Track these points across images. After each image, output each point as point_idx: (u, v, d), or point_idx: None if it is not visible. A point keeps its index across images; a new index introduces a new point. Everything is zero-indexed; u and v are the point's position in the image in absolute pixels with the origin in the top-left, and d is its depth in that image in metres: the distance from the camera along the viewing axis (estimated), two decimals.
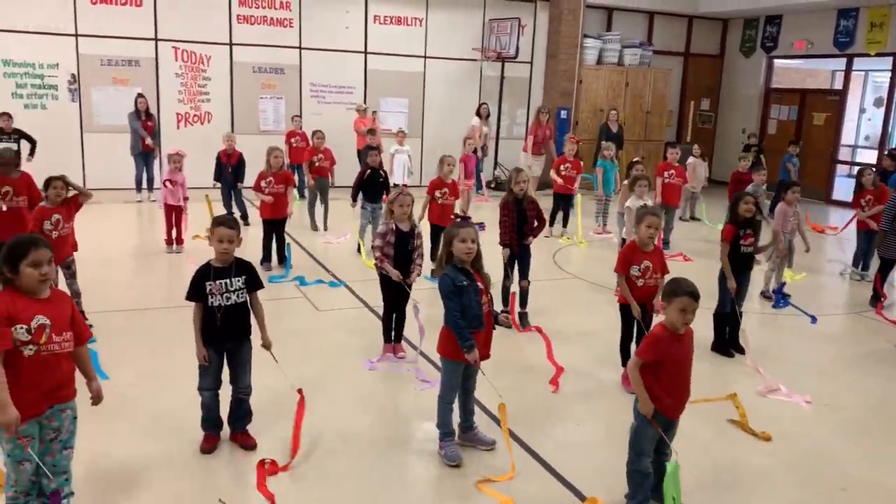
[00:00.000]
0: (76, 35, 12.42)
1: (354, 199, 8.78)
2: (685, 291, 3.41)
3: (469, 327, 3.89)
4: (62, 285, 5.56)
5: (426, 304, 5.67)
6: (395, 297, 5.48)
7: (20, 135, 11.02)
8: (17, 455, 3.06)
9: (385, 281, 5.44)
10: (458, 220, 4.05)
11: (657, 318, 4.05)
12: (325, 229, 10.24)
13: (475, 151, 12.01)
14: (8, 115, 11.02)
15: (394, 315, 5.59)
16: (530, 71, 15.67)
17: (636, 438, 3.53)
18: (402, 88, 14.73)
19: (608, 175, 10.52)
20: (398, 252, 5.32)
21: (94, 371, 3.32)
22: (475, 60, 15.04)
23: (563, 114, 15.06)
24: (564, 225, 10.67)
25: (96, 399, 3.28)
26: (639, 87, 15.81)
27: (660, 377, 3.42)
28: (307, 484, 3.82)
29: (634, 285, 5.09)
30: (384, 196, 8.54)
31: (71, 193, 5.74)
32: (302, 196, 11.86)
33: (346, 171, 11.15)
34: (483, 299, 3.97)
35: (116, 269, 7.88)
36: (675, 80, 16.96)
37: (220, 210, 9.02)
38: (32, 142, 11.08)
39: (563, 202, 10.60)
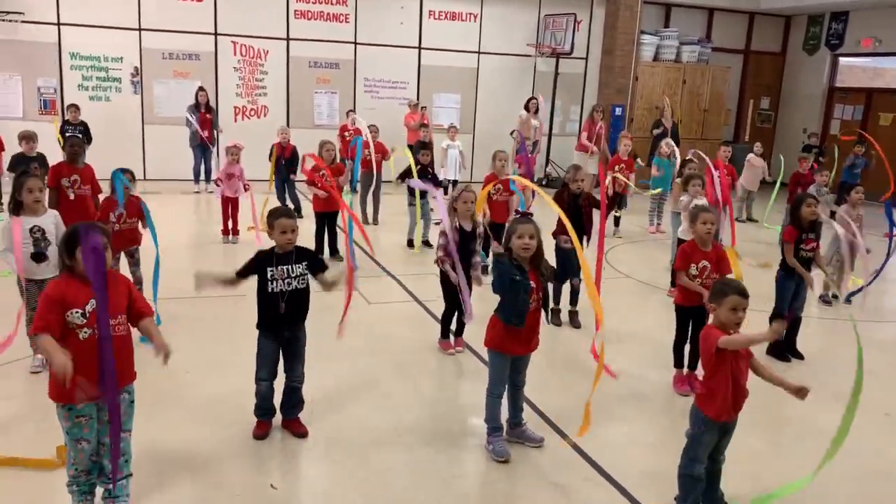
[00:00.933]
0: (139, 29, 12.77)
1: (402, 180, 8.79)
2: (734, 290, 3.36)
3: (509, 322, 3.89)
4: (126, 273, 5.72)
5: (475, 298, 5.66)
6: (456, 295, 5.48)
7: (85, 128, 11.37)
8: (75, 434, 3.17)
9: (445, 278, 5.45)
10: (519, 216, 4.02)
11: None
12: (376, 223, 10.33)
13: (519, 151, 11.91)
14: (76, 107, 11.39)
15: (454, 313, 5.58)
16: (585, 67, 15.50)
17: (692, 444, 3.47)
18: (454, 84, 14.74)
19: (664, 173, 10.34)
20: (461, 251, 5.31)
21: (159, 333, 3.25)
22: (529, 56, 14.95)
23: (618, 111, 14.87)
24: (616, 224, 10.54)
25: (159, 350, 3.17)
26: (696, 85, 15.51)
27: (716, 378, 3.36)
28: (356, 475, 3.85)
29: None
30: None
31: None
32: (354, 190, 11.96)
33: (400, 166, 11.20)
34: (532, 297, 3.94)
35: (175, 258, 8.05)
36: (734, 77, 16.58)
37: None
38: (89, 140, 11.36)
39: (616, 202, 10.45)
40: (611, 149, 12.51)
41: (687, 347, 5.14)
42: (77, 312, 3.06)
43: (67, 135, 10.46)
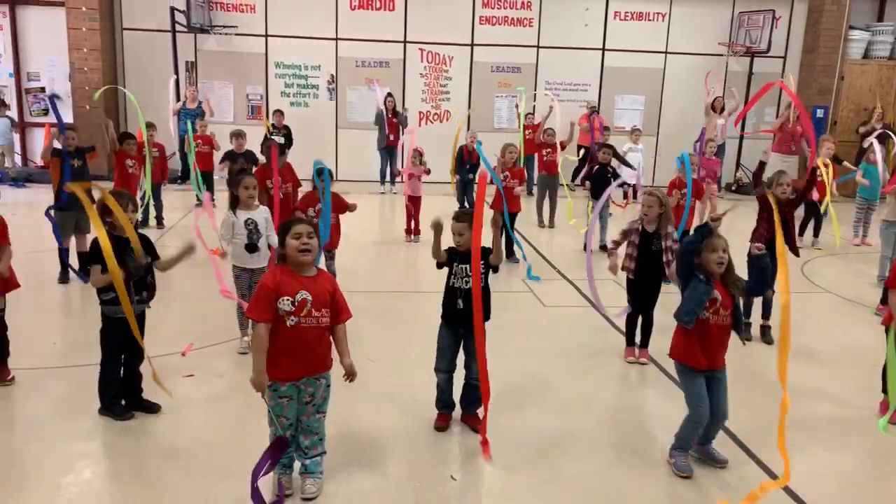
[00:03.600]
0: (336, 39, 13.63)
1: (580, 183, 8.71)
2: None
3: (680, 318, 3.74)
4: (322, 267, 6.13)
5: (659, 307, 5.47)
6: (641, 300, 5.34)
7: (287, 132, 12.30)
8: (277, 411, 3.46)
9: (630, 281, 5.34)
10: (710, 223, 3.82)
11: None
12: (552, 226, 10.29)
13: (717, 153, 11.34)
14: (281, 112, 12.39)
15: (639, 318, 5.45)
16: (783, 66, 14.49)
17: None
18: (638, 85, 14.35)
19: (873, 180, 9.42)
20: (641, 253, 5.18)
21: (347, 348, 3.57)
22: (720, 56, 14.23)
23: (820, 113, 13.74)
24: (815, 234, 9.75)
25: (349, 375, 3.54)
26: None
27: None
28: (534, 475, 3.86)
29: None
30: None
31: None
32: (529, 192, 12.01)
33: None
34: (722, 313, 3.73)
35: (361, 255, 8.52)
36: None
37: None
38: (290, 144, 12.20)
39: (815, 209, 9.68)
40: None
41: None
42: (287, 300, 3.34)
43: (266, 137, 11.36)
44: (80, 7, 12.49)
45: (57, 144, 7.10)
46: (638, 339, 5.51)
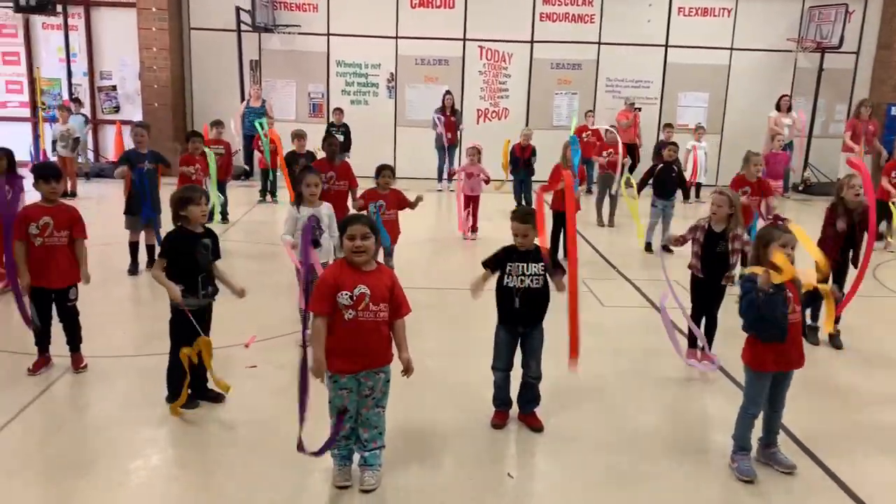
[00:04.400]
0: (396, 37, 13.73)
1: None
2: None
3: (769, 339, 3.62)
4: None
5: (722, 310, 5.35)
6: (704, 300, 5.23)
7: (346, 130, 12.46)
8: (337, 402, 3.54)
9: (694, 280, 5.24)
10: (779, 221, 3.71)
11: None
12: (612, 225, 10.17)
13: (785, 148, 11.04)
14: (340, 111, 12.57)
15: (703, 319, 5.34)
16: (855, 62, 13.99)
17: None
18: (702, 82, 14.05)
19: None
20: (706, 253, 5.08)
21: (406, 344, 3.61)
22: (789, 51, 13.81)
23: (894, 110, 13.22)
24: (882, 238, 9.37)
25: (406, 370, 3.59)
26: None
27: None
28: (591, 475, 3.83)
29: None
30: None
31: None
32: (589, 191, 11.89)
33: (642, 166, 10.95)
34: (791, 308, 3.64)
35: (419, 251, 8.57)
36: None
37: None
38: (348, 142, 12.32)
39: (887, 211, 9.30)
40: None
41: None
42: (346, 295, 3.39)
43: (326, 134, 11.54)
44: (151, 8, 12.89)
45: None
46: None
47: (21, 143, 12.20)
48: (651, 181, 8.72)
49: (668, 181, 8.52)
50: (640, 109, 13.53)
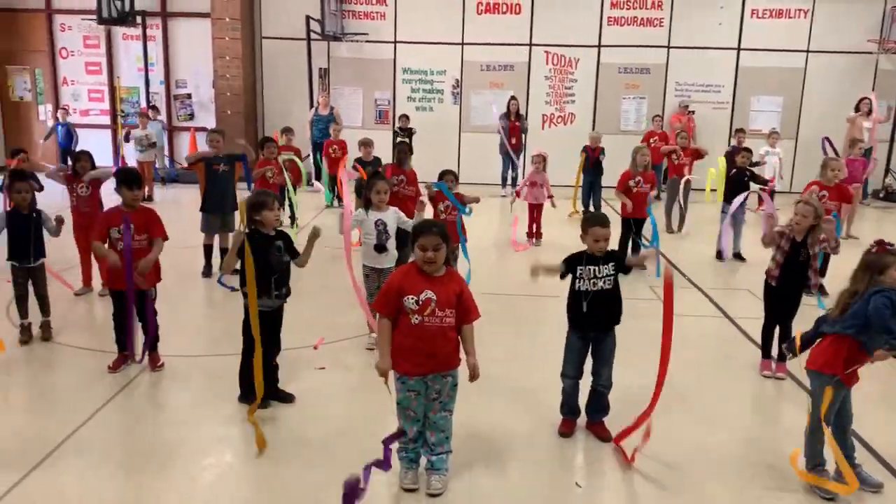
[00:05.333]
0: (462, 44, 13.78)
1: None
2: None
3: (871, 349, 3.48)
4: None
5: (797, 319, 5.16)
6: (780, 310, 5.06)
7: (411, 134, 12.56)
8: (404, 403, 3.56)
9: (768, 289, 5.09)
10: (887, 246, 3.58)
11: None
12: (681, 231, 9.95)
13: (865, 153, 10.61)
14: (406, 117, 12.68)
15: (776, 328, 5.17)
16: None
17: None
18: (777, 86, 13.64)
19: None
20: (787, 262, 4.92)
21: (474, 349, 3.61)
22: (870, 53, 13.27)
23: None
24: None
25: (473, 375, 3.57)
26: None
27: None
28: (664, 488, 3.75)
29: None
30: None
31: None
32: (657, 197, 11.66)
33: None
34: None
35: (483, 257, 8.54)
36: None
37: None
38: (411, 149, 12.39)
39: None
40: None
41: None
42: (411, 299, 3.42)
43: (398, 140, 11.67)
44: (224, 18, 13.28)
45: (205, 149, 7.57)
46: (774, 351, 5.22)
47: (102, 149, 12.76)
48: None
49: (741, 187, 8.27)
50: (693, 112, 13.24)
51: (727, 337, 6.07)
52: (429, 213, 6.40)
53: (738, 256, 8.48)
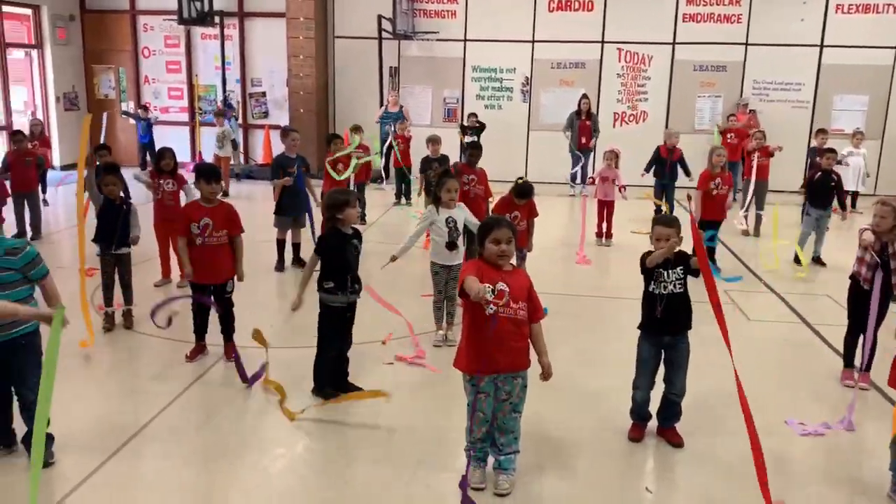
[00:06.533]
0: (533, 42, 13.69)
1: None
2: None
3: None
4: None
5: (884, 330, 4.93)
6: (865, 316, 4.84)
7: (479, 131, 12.52)
8: (475, 406, 3.54)
9: (854, 296, 4.89)
10: None
11: None
12: (758, 234, 9.66)
13: None
14: (475, 115, 12.68)
15: (858, 337, 4.96)
16: None
17: None
18: (862, 84, 13.06)
19: None
20: (878, 264, 4.70)
21: (545, 348, 3.60)
22: None
23: None
24: None
25: (546, 374, 3.57)
26: None
27: None
28: (736, 495, 3.64)
29: None
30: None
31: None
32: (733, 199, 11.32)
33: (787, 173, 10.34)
34: None
35: (551, 257, 8.48)
36: None
37: None
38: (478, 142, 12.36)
39: None
40: None
41: None
42: (487, 287, 3.39)
43: (467, 139, 11.67)
44: (299, 17, 13.54)
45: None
46: (857, 360, 5.00)
47: (180, 146, 13.18)
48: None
49: (825, 190, 7.97)
50: (754, 111, 12.79)
51: (804, 343, 5.85)
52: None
53: (817, 261, 8.17)
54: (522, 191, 6.20)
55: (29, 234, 8.60)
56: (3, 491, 3.26)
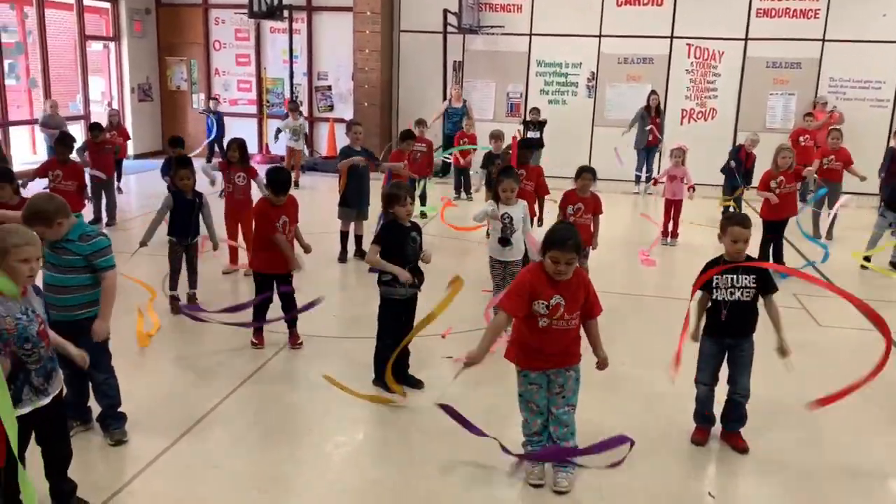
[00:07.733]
0: (599, 36, 13.51)
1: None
2: None
3: None
4: None
5: None
6: None
7: (542, 127, 12.43)
8: (527, 397, 3.61)
9: None
10: None
11: None
12: (830, 238, 9.31)
13: None
14: (537, 110, 12.58)
15: None
16: None
17: None
18: None
19: None
20: None
21: (600, 343, 3.62)
22: None
23: None
24: None
25: (602, 365, 3.61)
26: None
27: None
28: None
29: None
30: None
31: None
32: (803, 199, 10.96)
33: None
34: None
35: (615, 255, 8.36)
36: None
37: None
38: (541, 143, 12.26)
39: None
40: None
41: None
42: (542, 304, 3.43)
43: (526, 134, 11.61)
44: (366, 11, 13.68)
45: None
46: None
47: (248, 137, 13.46)
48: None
49: None
50: (834, 110, 12.29)
51: (878, 351, 5.60)
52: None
53: (894, 266, 7.85)
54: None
55: (104, 220, 8.94)
56: (80, 468, 3.40)
